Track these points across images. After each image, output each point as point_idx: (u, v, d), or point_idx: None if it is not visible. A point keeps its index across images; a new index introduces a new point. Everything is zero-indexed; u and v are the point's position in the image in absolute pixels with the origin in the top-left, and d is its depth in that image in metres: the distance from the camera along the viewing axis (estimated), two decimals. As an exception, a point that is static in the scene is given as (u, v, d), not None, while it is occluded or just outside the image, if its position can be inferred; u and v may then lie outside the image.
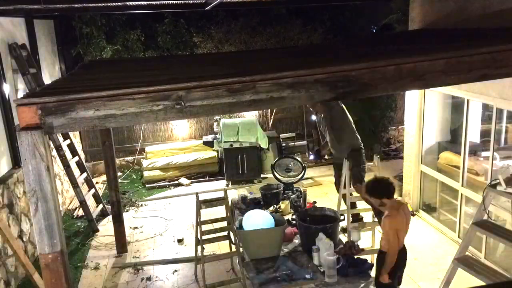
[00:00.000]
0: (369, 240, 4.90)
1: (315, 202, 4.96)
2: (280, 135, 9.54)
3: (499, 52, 3.24)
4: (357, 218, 5.54)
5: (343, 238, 4.62)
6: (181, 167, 8.74)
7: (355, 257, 3.81)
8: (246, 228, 4.09)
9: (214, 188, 8.18)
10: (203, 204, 4.83)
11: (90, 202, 7.19)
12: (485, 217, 4.02)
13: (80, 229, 6.83)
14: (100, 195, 7.57)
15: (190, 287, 5.11)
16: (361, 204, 5.38)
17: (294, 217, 4.52)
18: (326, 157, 7.59)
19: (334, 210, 4.28)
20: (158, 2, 5.55)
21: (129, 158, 9.54)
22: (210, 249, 5.91)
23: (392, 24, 9.02)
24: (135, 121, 2.75)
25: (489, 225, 3.99)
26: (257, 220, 4.09)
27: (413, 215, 6.53)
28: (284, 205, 4.81)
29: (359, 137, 5.78)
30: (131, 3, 5.37)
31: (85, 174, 7.32)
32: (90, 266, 5.70)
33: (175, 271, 5.47)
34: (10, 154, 5.86)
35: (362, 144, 5.75)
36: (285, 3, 8.77)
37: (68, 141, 7.18)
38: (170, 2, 5.49)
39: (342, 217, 4.25)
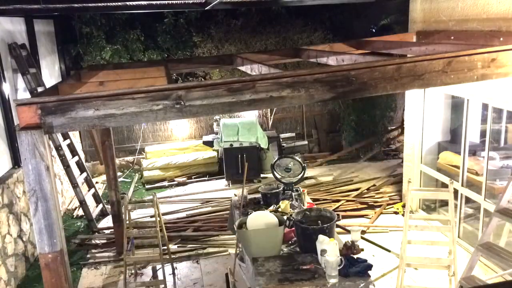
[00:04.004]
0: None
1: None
2: (280, 135, 9.54)
3: (498, 52, 3.24)
4: None
5: (343, 238, 4.61)
6: (181, 167, 8.74)
7: (355, 257, 3.81)
8: (250, 228, 4.08)
9: (214, 188, 8.18)
10: (130, 205, 5.04)
11: (90, 202, 7.19)
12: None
13: (80, 229, 6.83)
14: (100, 195, 7.57)
15: (190, 287, 5.11)
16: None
17: (290, 217, 4.49)
18: None
19: (331, 210, 4.27)
20: (158, 2, 5.54)
21: (129, 158, 9.55)
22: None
23: (391, 25, 9.03)
24: (135, 121, 2.76)
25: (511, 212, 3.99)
26: (261, 221, 4.09)
27: (412, 212, 6.52)
28: (284, 205, 4.80)
29: None
30: (131, 3, 5.36)
31: (85, 174, 7.32)
32: (90, 266, 5.69)
33: (175, 269, 5.47)
34: (10, 154, 5.86)
35: None
36: (285, 2, 8.78)
37: (68, 141, 7.17)
38: (170, 1, 5.49)
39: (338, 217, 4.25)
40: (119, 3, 5.32)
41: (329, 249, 3.61)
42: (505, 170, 5.43)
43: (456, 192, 5.61)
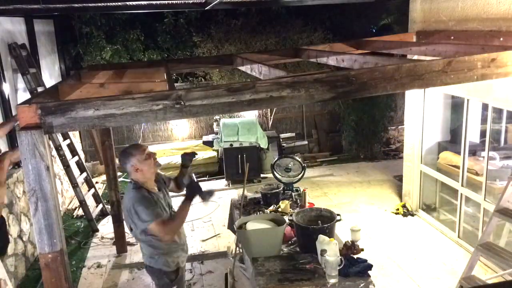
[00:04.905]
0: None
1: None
2: (280, 135, 9.55)
3: (498, 52, 3.24)
4: None
5: (343, 238, 4.61)
6: (181, 167, 8.73)
7: (355, 257, 3.81)
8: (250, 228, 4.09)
9: (214, 188, 8.18)
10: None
11: (90, 202, 7.19)
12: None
13: (80, 229, 6.82)
14: (100, 195, 7.57)
15: (190, 287, 5.11)
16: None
17: (290, 217, 4.49)
18: None
19: (331, 210, 4.27)
20: (158, 2, 5.54)
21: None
22: (206, 247, 5.92)
23: (391, 25, 9.03)
24: (135, 121, 2.75)
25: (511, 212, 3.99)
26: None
27: (412, 215, 6.53)
28: (284, 205, 4.79)
29: None
30: (131, 3, 5.36)
31: (85, 174, 7.32)
32: (90, 266, 5.69)
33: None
34: (10, 154, 5.85)
35: None
36: (285, 2, 8.78)
37: (68, 141, 7.17)
38: (170, 1, 5.49)
39: (338, 217, 4.25)
40: (119, 3, 5.32)
41: (329, 249, 3.61)
42: (505, 170, 5.44)
43: (456, 192, 5.62)
